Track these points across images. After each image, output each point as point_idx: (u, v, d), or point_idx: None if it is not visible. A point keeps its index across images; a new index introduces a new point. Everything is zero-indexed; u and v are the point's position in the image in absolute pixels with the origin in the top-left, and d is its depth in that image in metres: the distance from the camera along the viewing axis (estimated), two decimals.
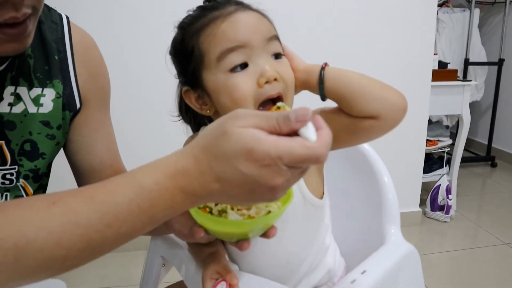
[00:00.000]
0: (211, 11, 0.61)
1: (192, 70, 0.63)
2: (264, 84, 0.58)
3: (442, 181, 2.18)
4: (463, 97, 2.16)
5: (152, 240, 0.85)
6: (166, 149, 0.49)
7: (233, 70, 0.59)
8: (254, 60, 0.59)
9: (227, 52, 0.58)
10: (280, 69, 0.60)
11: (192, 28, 0.62)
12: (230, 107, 0.59)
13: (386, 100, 0.60)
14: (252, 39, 0.58)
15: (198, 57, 0.61)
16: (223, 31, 0.59)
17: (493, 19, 3.27)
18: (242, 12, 0.60)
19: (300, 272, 0.71)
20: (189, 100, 0.67)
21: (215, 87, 0.61)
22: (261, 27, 0.60)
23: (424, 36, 1.91)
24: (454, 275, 1.70)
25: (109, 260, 1.79)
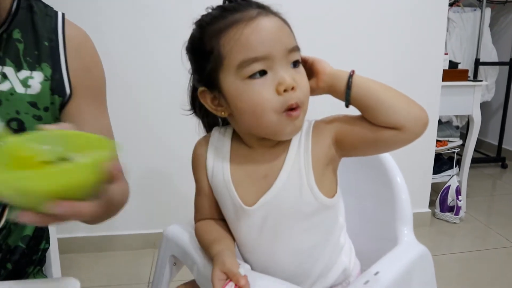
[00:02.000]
0: (232, 13, 0.61)
1: (209, 71, 0.63)
2: (283, 92, 0.59)
3: (452, 182, 2.17)
4: (473, 97, 2.14)
5: (163, 239, 0.85)
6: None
7: (252, 76, 0.60)
8: (274, 68, 0.60)
9: (250, 61, 0.59)
10: (298, 78, 0.61)
11: (212, 29, 0.62)
12: (248, 112, 0.61)
13: (410, 112, 0.62)
14: (275, 51, 0.59)
15: (217, 59, 0.61)
16: (246, 38, 0.59)
17: (505, 18, 3.24)
18: (264, 17, 0.60)
19: (315, 272, 0.71)
20: (205, 100, 0.67)
21: (234, 91, 0.62)
22: (283, 37, 0.61)
23: (434, 36, 1.89)
24: (464, 276, 1.69)
25: (118, 259, 1.80)
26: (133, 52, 1.69)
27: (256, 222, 0.68)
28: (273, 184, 0.66)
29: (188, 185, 1.95)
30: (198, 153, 0.75)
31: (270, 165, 0.68)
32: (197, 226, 0.76)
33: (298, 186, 0.66)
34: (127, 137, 1.76)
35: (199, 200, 0.76)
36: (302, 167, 0.66)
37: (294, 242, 0.69)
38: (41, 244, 0.79)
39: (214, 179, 0.71)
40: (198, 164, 0.75)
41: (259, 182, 0.68)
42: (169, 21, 1.68)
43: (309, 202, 0.66)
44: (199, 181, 0.75)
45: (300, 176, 0.66)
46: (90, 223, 0.66)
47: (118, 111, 1.73)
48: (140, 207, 1.85)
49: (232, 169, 0.70)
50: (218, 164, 0.71)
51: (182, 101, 0.76)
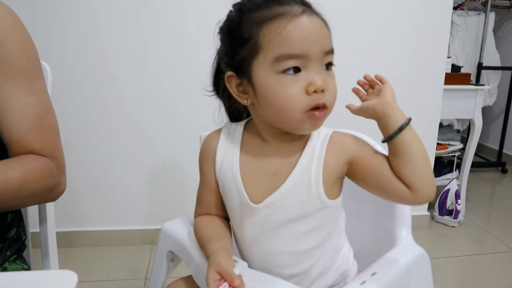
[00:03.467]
0: (276, 5, 0.61)
1: (242, 57, 0.63)
2: (312, 93, 0.60)
3: (452, 185, 2.17)
4: (475, 101, 2.14)
5: (161, 235, 0.85)
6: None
7: (285, 71, 0.60)
8: (308, 67, 0.60)
9: (287, 57, 0.59)
10: (329, 81, 0.62)
11: (254, 16, 0.62)
12: (274, 105, 0.62)
13: (430, 184, 0.65)
14: (313, 51, 0.60)
15: (254, 48, 0.61)
16: (288, 34, 0.59)
17: (509, 23, 3.23)
18: (308, 16, 0.60)
19: (314, 273, 0.72)
20: (230, 84, 0.67)
21: (264, 83, 0.62)
22: (322, 38, 0.61)
23: (438, 39, 1.89)
24: (461, 280, 1.69)
25: (116, 254, 1.81)
26: (129, 49, 1.69)
27: (260, 220, 0.69)
28: (282, 184, 0.67)
29: (187, 182, 1.97)
30: (208, 146, 0.74)
31: (281, 163, 0.68)
32: (196, 221, 0.76)
33: (306, 190, 0.67)
34: (126, 134, 1.77)
35: (202, 193, 0.76)
36: (312, 174, 0.66)
37: (295, 243, 0.69)
38: (8, 233, 0.77)
39: (222, 173, 0.71)
40: (206, 157, 0.74)
41: (268, 179, 0.68)
42: (164, 19, 1.68)
43: (314, 206, 0.67)
44: (205, 174, 0.75)
45: (309, 183, 0.66)
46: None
47: (119, 110, 1.74)
48: (140, 203, 1.86)
49: (241, 165, 0.70)
50: (227, 159, 0.71)
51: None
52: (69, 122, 1.72)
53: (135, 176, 1.83)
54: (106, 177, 1.81)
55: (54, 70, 0.92)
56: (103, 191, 1.83)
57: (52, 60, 0.96)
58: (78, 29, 1.65)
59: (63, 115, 1.70)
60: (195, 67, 1.73)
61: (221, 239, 0.69)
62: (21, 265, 0.78)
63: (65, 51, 1.66)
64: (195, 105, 1.76)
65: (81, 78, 1.69)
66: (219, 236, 0.70)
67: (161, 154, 1.81)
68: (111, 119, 1.75)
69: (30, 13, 1.61)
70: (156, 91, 1.74)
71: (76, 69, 1.68)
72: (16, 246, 0.78)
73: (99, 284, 1.59)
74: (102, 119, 1.74)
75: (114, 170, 1.81)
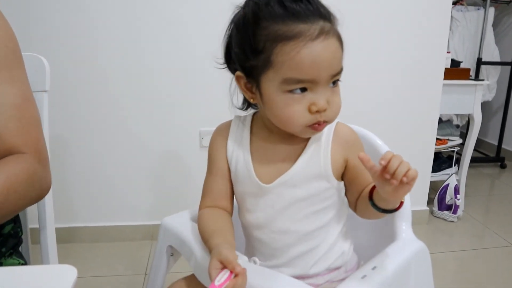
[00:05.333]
0: (294, 20, 0.60)
1: (253, 66, 0.65)
2: (314, 112, 0.63)
3: (451, 180, 2.17)
4: (475, 96, 2.14)
5: (161, 230, 0.85)
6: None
7: (292, 91, 0.62)
8: (314, 89, 0.63)
9: (296, 81, 0.62)
10: (332, 99, 0.65)
11: (269, 30, 0.61)
12: (278, 117, 0.66)
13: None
14: (321, 77, 0.62)
15: (265, 62, 0.63)
16: (301, 59, 0.60)
17: (508, 18, 3.22)
18: (324, 40, 0.61)
19: (318, 253, 0.74)
20: (239, 82, 0.70)
21: (270, 97, 0.65)
22: (334, 63, 0.63)
23: (437, 34, 1.88)
24: (460, 275, 1.69)
25: (115, 250, 1.81)
26: (126, 43, 1.69)
27: (271, 199, 0.72)
28: (291, 167, 0.71)
29: (187, 177, 1.97)
30: (220, 134, 0.78)
31: (289, 150, 0.72)
32: (200, 214, 0.77)
33: (315, 170, 0.71)
34: (125, 129, 1.76)
35: (210, 182, 0.79)
36: (321, 155, 0.71)
37: (304, 222, 0.73)
38: (3, 229, 0.76)
39: (234, 159, 0.75)
40: (217, 145, 0.78)
41: (278, 164, 0.72)
42: (160, 13, 1.67)
43: (323, 185, 0.72)
44: (216, 161, 0.77)
45: (318, 163, 0.71)
46: None
47: (118, 105, 1.74)
48: (139, 199, 1.85)
49: (252, 150, 0.74)
50: (238, 145, 0.75)
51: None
52: (68, 116, 1.72)
53: (134, 172, 1.82)
54: (105, 172, 1.81)
55: (50, 65, 0.91)
56: (103, 187, 1.82)
57: (48, 56, 0.95)
58: (73, 25, 1.64)
59: (64, 110, 1.70)
60: (193, 62, 1.72)
61: (225, 234, 0.70)
62: (17, 260, 0.78)
63: (61, 47, 1.65)
64: (194, 101, 1.76)
65: (77, 74, 1.69)
66: (222, 230, 0.71)
67: (160, 149, 1.81)
68: (110, 114, 1.74)
69: (26, 8, 1.60)
70: (154, 87, 1.74)
71: (72, 65, 1.67)
72: (12, 242, 0.78)
73: (98, 280, 1.59)
74: (101, 114, 1.74)
75: (113, 165, 1.80)
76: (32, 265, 0.75)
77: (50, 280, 0.50)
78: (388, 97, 1.88)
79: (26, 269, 0.60)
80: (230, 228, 0.74)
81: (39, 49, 1.49)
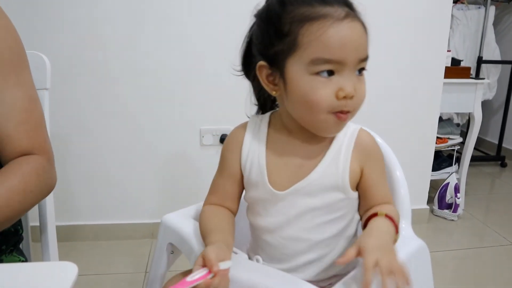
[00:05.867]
0: (320, 3, 0.60)
1: (277, 51, 0.63)
2: (341, 98, 0.61)
3: (451, 179, 2.17)
4: (475, 95, 2.14)
5: (161, 227, 0.85)
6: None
7: (319, 73, 0.60)
8: (341, 72, 0.61)
9: (323, 61, 0.60)
10: (359, 87, 0.63)
11: (296, 12, 0.61)
12: (302, 103, 0.63)
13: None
14: (349, 58, 0.60)
15: (291, 45, 0.61)
16: (328, 38, 0.59)
17: (509, 17, 3.22)
18: (351, 22, 0.60)
19: (327, 261, 0.73)
20: (260, 73, 0.67)
21: (297, 81, 0.62)
22: (361, 46, 0.62)
23: (438, 33, 1.88)
24: (460, 273, 1.69)
25: (116, 248, 1.81)
26: (128, 41, 1.69)
27: (285, 206, 0.71)
28: (307, 175, 0.69)
29: (187, 175, 1.97)
30: (235, 137, 0.76)
31: (308, 156, 0.70)
32: (203, 210, 0.76)
33: (332, 181, 0.69)
34: (126, 128, 1.76)
35: (220, 183, 0.77)
36: (340, 166, 0.69)
37: (316, 231, 0.71)
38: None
39: (248, 163, 0.73)
40: (233, 145, 0.75)
41: (293, 171, 0.70)
42: (163, 11, 1.67)
43: (339, 196, 0.70)
44: (229, 164, 0.75)
45: (336, 174, 0.69)
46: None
47: (118, 104, 1.74)
48: (140, 197, 1.86)
49: (268, 155, 0.72)
50: (254, 148, 0.73)
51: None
52: (69, 114, 1.72)
53: (136, 170, 1.82)
54: (106, 170, 1.81)
55: (51, 63, 0.91)
56: (104, 185, 1.82)
57: (49, 53, 0.95)
58: (75, 23, 1.64)
59: (66, 108, 1.70)
60: (195, 61, 1.72)
61: (223, 232, 0.69)
62: (17, 257, 0.78)
63: (63, 44, 1.65)
64: (195, 100, 1.76)
65: (79, 72, 1.69)
66: (222, 229, 0.70)
67: (161, 148, 1.81)
68: (111, 113, 1.75)
69: (27, 5, 1.60)
70: (155, 85, 1.74)
71: (74, 63, 1.67)
72: (13, 239, 0.78)
73: (99, 278, 1.59)
74: (102, 113, 1.74)
75: (114, 163, 1.81)
76: (33, 262, 0.76)
77: (51, 277, 0.51)
78: (389, 96, 1.88)
79: (27, 266, 0.60)
80: (231, 228, 0.73)
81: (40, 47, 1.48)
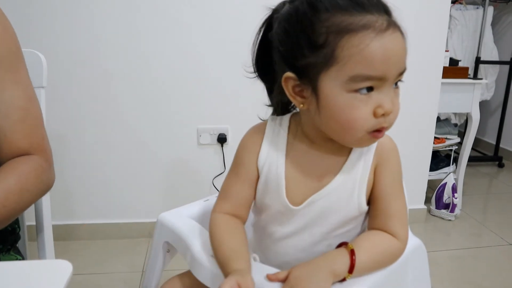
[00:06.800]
0: (359, 10, 0.54)
1: (310, 63, 0.57)
2: (380, 116, 0.57)
3: (448, 179, 2.17)
4: (473, 95, 2.14)
5: (157, 225, 0.84)
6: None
7: (358, 90, 0.56)
8: (381, 88, 0.57)
9: (364, 78, 0.55)
10: (396, 100, 0.59)
11: (332, 21, 0.55)
12: (337, 122, 0.58)
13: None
14: (391, 74, 0.56)
15: (328, 58, 0.55)
16: (371, 53, 0.53)
17: (507, 17, 3.22)
18: (393, 33, 0.55)
19: None
20: (286, 85, 0.61)
21: (333, 99, 0.57)
22: (402, 59, 0.57)
23: (436, 33, 1.88)
24: (458, 273, 1.69)
25: (112, 247, 1.80)
26: (125, 39, 1.68)
27: (297, 219, 0.68)
28: (325, 186, 0.66)
29: (184, 174, 1.96)
30: (252, 139, 0.70)
31: (328, 166, 0.66)
32: (216, 218, 0.71)
33: (348, 194, 0.66)
34: (122, 127, 1.76)
35: (234, 185, 0.71)
36: (358, 178, 0.66)
37: (325, 244, 0.69)
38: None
39: (265, 169, 0.68)
40: (249, 149, 0.70)
41: (312, 182, 0.67)
42: (159, 9, 1.67)
43: (352, 210, 0.67)
44: (243, 166, 0.70)
45: (353, 187, 0.66)
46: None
47: (115, 103, 1.73)
48: (136, 196, 1.85)
49: (287, 166, 0.67)
50: (272, 156, 0.68)
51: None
52: (66, 112, 1.71)
53: (132, 169, 1.82)
54: (103, 169, 1.80)
55: (48, 61, 0.90)
56: (101, 184, 1.82)
57: (46, 52, 0.95)
58: (73, 21, 1.63)
59: (63, 106, 1.69)
60: (192, 60, 1.72)
61: (245, 256, 0.64)
62: (14, 256, 0.78)
63: (60, 43, 1.64)
64: (192, 98, 1.76)
65: (77, 70, 1.68)
66: (243, 252, 0.66)
67: (158, 146, 1.80)
68: (108, 112, 1.74)
69: (24, 3, 1.59)
70: (152, 83, 1.73)
71: (71, 61, 1.67)
72: (10, 238, 0.78)
73: (95, 277, 1.59)
74: (99, 111, 1.73)
75: (111, 162, 1.80)
76: (27, 260, 0.75)
77: (46, 275, 0.51)
78: None
79: (22, 264, 0.60)
80: (247, 245, 0.68)
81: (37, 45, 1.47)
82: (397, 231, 0.66)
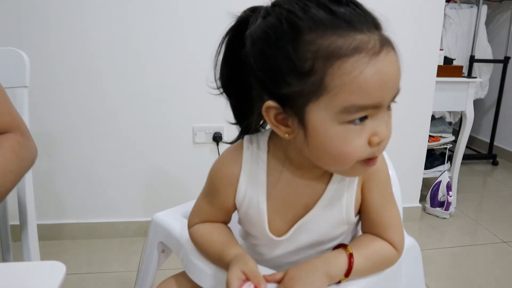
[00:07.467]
0: (349, 30, 0.48)
1: (295, 92, 0.50)
2: (375, 145, 0.52)
3: (443, 177, 2.18)
4: (467, 94, 2.15)
5: (152, 225, 0.84)
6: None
7: (351, 122, 0.50)
8: (375, 115, 0.51)
9: (359, 108, 0.49)
10: (389, 124, 0.54)
11: (319, 44, 0.48)
12: (329, 154, 0.52)
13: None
14: (386, 100, 0.51)
15: (315, 87, 0.48)
16: (366, 81, 0.47)
17: (501, 16, 3.24)
18: (387, 55, 0.49)
19: None
20: (267, 114, 0.54)
21: (323, 132, 0.51)
22: (398, 81, 0.51)
23: (430, 31, 1.89)
24: (452, 271, 1.70)
25: (108, 246, 1.80)
26: (116, 39, 1.67)
27: (283, 246, 0.67)
28: (310, 211, 0.63)
29: (180, 173, 1.95)
30: (228, 171, 0.64)
31: (313, 191, 0.62)
32: (195, 230, 0.69)
33: (335, 215, 0.63)
34: (117, 125, 1.75)
35: (207, 210, 0.68)
36: (344, 197, 0.63)
37: (313, 256, 0.66)
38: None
39: (245, 202, 0.63)
40: (225, 183, 0.64)
41: (296, 210, 0.63)
42: (152, 9, 1.66)
43: (342, 229, 0.66)
44: (218, 198, 0.66)
45: (340, 207, 0.63)
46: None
47: (109, 101, 1.72)
48: (132, 195, 1.85)
49: (269, 199, 0.63)
50: (252, 192, 0.63)
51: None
52: (57, 112, 1.70)
53: (127, 168, 1.81)
54: (97, 168, 1.80)
55: (34, 60, 0.88)
56: (96, 183, 1.81)
57: (31, 50, 0.92)
58: (60, 18, 1.62)
59: (52, 106, 1.68)
60: (188, 59, 1.71)
61: (236, 243, 0.64)
62: None
63: (48, 41, 1.63)
64: (187, 97, 1.75)
65: (66, 69, 1.67)
66: (233, 240, 0.65)
67: (153, 145, 1.80)
68: (101, 110, 1.73)
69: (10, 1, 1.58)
70: (146, 82, 1.73)
71: (60, 60, 1.65)
72: None
73: (91, 276, 1.58)
74: (91, 110, 1.72)
75: (105, 161, 1.79)
76: (19, 262, 0.75)
77: (39, 277, 0.50)
78: None
79: (14, 266, 0.59)
80: (235, 239, 0.67)
81: (20, 43, 1.46)
82: (394, 239, 0.65)
